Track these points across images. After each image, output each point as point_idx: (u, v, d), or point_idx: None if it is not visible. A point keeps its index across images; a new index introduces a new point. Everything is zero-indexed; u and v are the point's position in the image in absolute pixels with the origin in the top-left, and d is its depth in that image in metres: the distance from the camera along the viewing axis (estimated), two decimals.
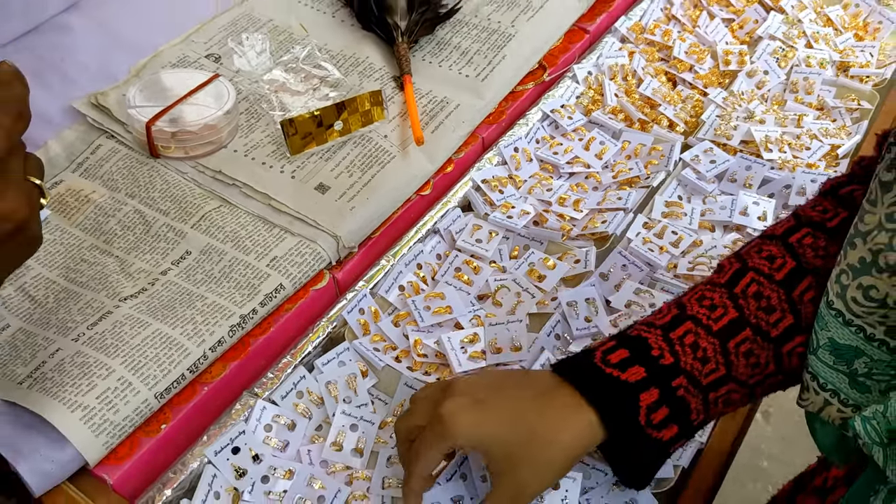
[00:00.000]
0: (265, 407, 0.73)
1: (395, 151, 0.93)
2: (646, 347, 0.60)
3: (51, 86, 0.97)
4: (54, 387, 0.69)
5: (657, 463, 0.60)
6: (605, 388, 0.59)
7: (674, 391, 0.59)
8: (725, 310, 0.61)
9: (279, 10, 1.11)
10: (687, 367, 0.59)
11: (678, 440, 0.60)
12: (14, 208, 0.53)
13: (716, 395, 0.60)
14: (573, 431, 0.59)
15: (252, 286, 0.79)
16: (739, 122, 1.02)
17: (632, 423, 0.59)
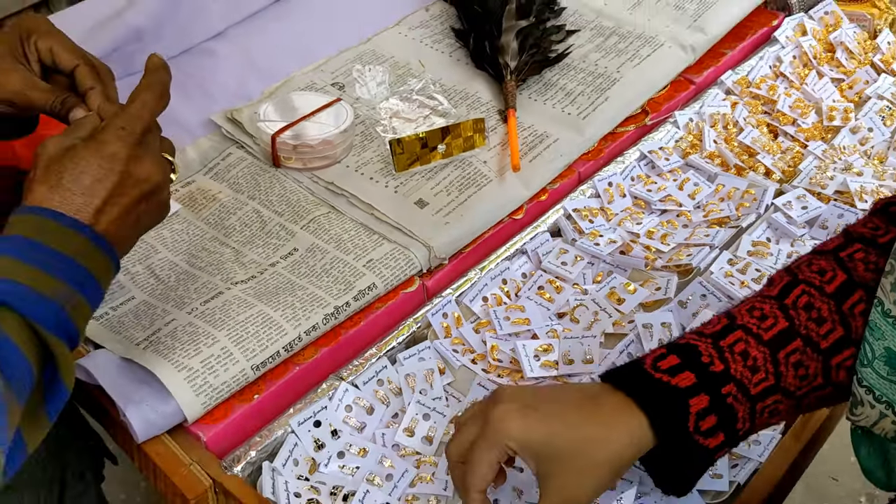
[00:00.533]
0: (348, 389, 0.79)
1: (492, 176, 1.00)
2: (696, 354, 0.61)
3: (193, 100, 1.10)
4: (166, 349, 0.78)
5: (700, 471, 0.61)
6: (655, 392, 0.60)
7: (723, 398, 0.60)
8: (776, 320, 0.62)
9: (401, 48, 1.20)
10: (737, 374, 0.60)
11: (723, 448, 0.61)
12: (151, 172, 0.63)
13: (763, 405, 0.61)
14: (623, 433, 0.59)
15: (348, 282, 0.86)
16: (836, 173, 1.03)
17: (681, 429, 0.59)
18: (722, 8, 1.26)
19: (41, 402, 0.58)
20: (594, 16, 1.26)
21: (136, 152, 0.63)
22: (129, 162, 0.63)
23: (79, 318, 0.59)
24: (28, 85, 0.70)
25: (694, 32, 1.21)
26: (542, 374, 0.81)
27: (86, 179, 0.61)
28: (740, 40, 1.27)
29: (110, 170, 0.62)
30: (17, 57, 0.71)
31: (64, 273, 0.57)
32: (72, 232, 0.59)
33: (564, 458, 0.59)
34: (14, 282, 0.55)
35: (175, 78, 1.11)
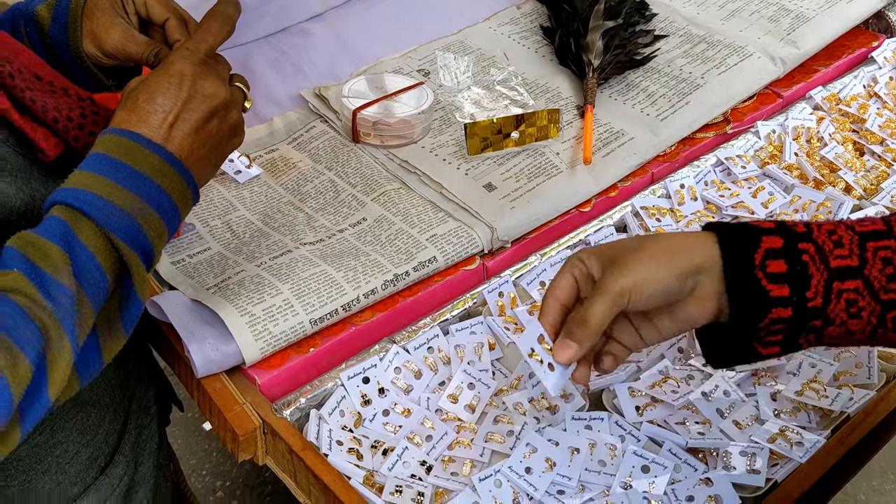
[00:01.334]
0: (399, 352, 0.82)
1: (563, 167, 1.01)
2: (782, 221, 0.61)
3: (286, 75, 1.15)
4: (232, 295, 0.82)
5: (750, 332, 0.59)
6: (729, 225, 0.61)
7: (798, 253, 0.57)
8: (873, 222, 0.60)
9: (489, 40, 1.23)
10: (819, 240, 0.58)
11: (782, 305, 0.57)
12: (217, 88, 0.67)
13: (841, 286, 0.57)
14: (688, 238, 0.61)
15: (410, 253, 0.89)
16: None
17: (746, 259, 0.58)
18: (819, 24, 1.24)
19: (117, 312, 0.61)
20: (685, 23, 1.26)
21: (201, 70, 0.67)
22: (194, 78, 0.66)
23: (152, 234, 0.62)
24: (127, 38, 0.76)
25: (786, 46, 1.20)
26: None
27: (157, 98, 0.65)
28: (835, 59, 1.25)
29: (178, 86, 0.65)
30: (117, 11, 0.77)
31: (138, 188, 0.61)
32: (146, 150, 0.63)
33: (628, 251, 0.62)
34: (91, 192, 0.59)
35: (270, 54, 1.19)
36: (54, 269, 0.56)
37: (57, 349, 0.54)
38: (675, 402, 0.75)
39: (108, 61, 0.78)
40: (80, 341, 0.57)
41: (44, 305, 0.54)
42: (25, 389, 0.51)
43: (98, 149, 0.62)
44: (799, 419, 0.75)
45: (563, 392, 0.78)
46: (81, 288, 0.57)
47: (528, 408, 0.78)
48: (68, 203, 0.59)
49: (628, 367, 0.80)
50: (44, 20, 0.76)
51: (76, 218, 0.59)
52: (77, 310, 0.56)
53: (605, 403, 0.78)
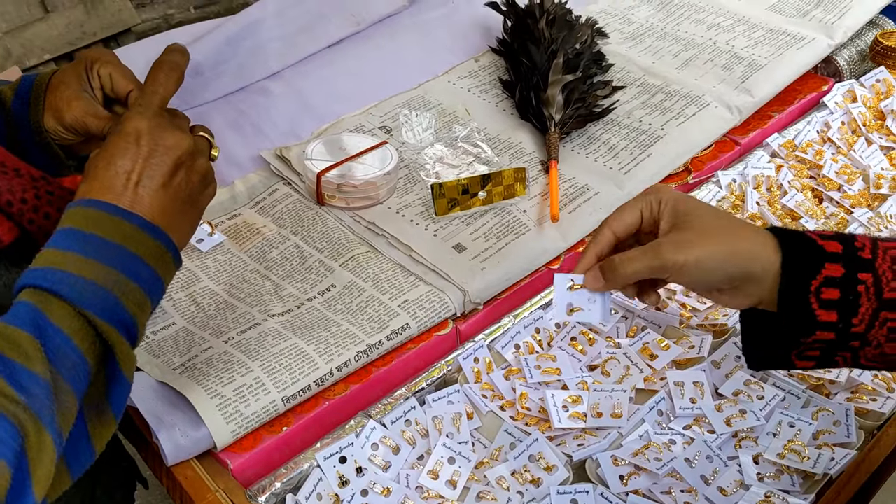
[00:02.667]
0: (375, 427, 0.80)
1: (531, 225, 1.01)
2: (852, 238, 0.62)
3: (246, 136, 1.13)
4: (201, 375, 0.79)
5: (792, 344, 0.62)
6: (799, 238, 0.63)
7: (855, 283, 0.60)
8: None
9: (449, 96, 1.23)
10: (879, 270, 0.60)
11: (826, 329, 0.60)
12: (178, 139, 0.63)
13: (889, 315, 0.59)
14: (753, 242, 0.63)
15: (382, 321, 0.87)
16: None
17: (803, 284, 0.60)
18: (770, 71, 1.26)
19: (104, 395, 0.57)
20: (641, 73, 1.28)
21: (157, 122, 0.63)
22: (152, 132, 0.63)
23: (133, 306, 0.58)
24: (88, 111, 0.73)
25: (741, 94, 1.22)
26: (569, 426, 0.80)
27: (116, 160, 0.61)
28: (788, 104, 1.27)
29: (136, 143, 0.62)
30: (83, 86, 0.75)
31: (111, 259, 0.57)
32: (114, 217, 0.59)
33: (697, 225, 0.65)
34: (60, 269, 0.55)
35: (229, 114, 1.17)
36: (25, 357, 0.52)
37: (37, 445, 0.50)
38: (659, 471, 0.74)
39: (68, 136, 0.75)
40: (64, 432, 0.53)
41: (16, 399, 0.50)
42: (6, 495, 0.48)
43: (64, 224, 0.59)
44: (782, 482, 0.74)
45: (548, 464, 0.76)
46: (58, 374, 0.53)
47: (511, 481, 0.76)
48: (36, 285, 0.55)
49: (610, 434, 0.80)
50: (6, 96, 0.74)
51: (46, 300, 0.55)
52: (55, 399, 0.52)
53: (589, 474, 0.77)
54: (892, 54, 1.34)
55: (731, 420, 0.80)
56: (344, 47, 1.30)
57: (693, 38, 1.36)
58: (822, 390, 0.83)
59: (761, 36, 1.34)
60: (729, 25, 1.38)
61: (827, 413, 0.79)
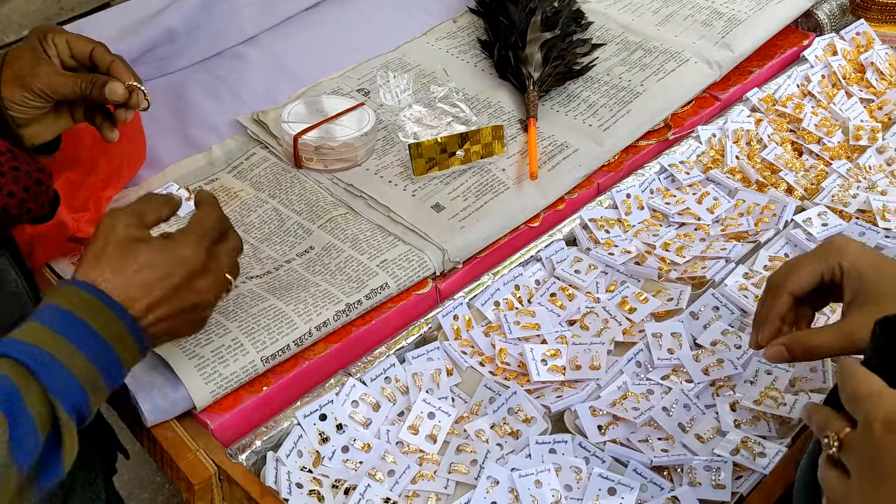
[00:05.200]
0: (355, 385, 0.80)
1: (510, 184, 1.00)
2: None
3: (223, 102, 1.12)
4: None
5: None
6: None
7: None
8: None
9: (428, 57, 1.22)
10: None
11: None
12: (210, 288, 0.66)
13: None
14: None
15: (361, 281, 0.87)
16: (860, 191, 1.02)
17: None
18: (750, 26, 1.25)
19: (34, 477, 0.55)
20: (621, 31, 1.27)
21: (207, 265, 0.65)
22: (195, 271, 0.64)
23: (95, 402, 0.58)
24: (55, 73, 0.73)
25: (720, 49, 1.21)
26: (548, 378, 0.81)
27: (150, 275, 0.61)
28: (768, 59, 1.27)
29: (176, 273, 0.62)
30: (39, 55, 0.74)
31: (95, 354, 0.57)
32: (115, 317, 0.59)
33: (881, 292, 0.59)
34: (50, 356, 0.55)
35: (206, 80, 1.16)
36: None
37: None
38: (636, 420, 0.75)
39: (36, 104, 0.74)
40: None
41: None
42: None
43: (63, 301, 0.58)
44: (759, 428, 0.75)
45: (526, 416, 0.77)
46: (13, 460, 0.52)
47: (491, 434, 0.77)
48: (23, 361, 0.54)
49: (588, 386, 0.80)
50: None
51: (27, 381, 0.54)
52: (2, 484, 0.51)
53: (568, 425, 0.77)
54: (873, 7, 1.33)
55: (708, 369, 0.80)
56: (321, 10, 1.28)
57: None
58: None
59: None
60: None
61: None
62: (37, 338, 0.56)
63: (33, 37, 0.76)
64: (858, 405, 0.50)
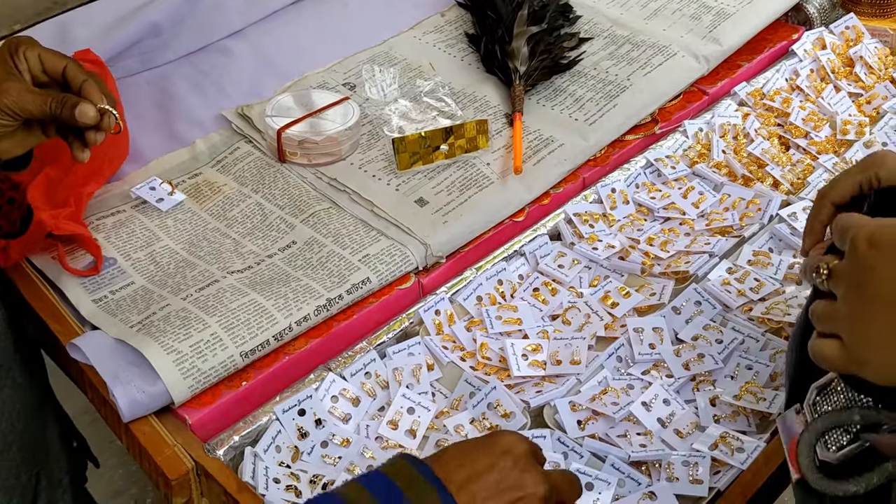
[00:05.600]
0: (335, 380, 0.80)
1: (494, 178, 1.00)
2: None
3: (207, 96, 1.12)
4: (158, 332, 0.79)
5: None
6: None
7: None
8: None
9: (414, 50, 1.22)
10: None
11: None
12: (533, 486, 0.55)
13: None
14: None
15: (342, 275, 0.87)
16: None
17: None
18: (739, 20, 1.25)
19: None
20: (609, 24, 1.26)
21: (529, 457, 0.57)
22: (517, 463, 0.56)
23: None
24: (24, 91, 0.71)
25: (708, 43, 1.21)
26: (529, 374, 0.81)
27: (471, 460, 0.55)
28: (757, 53, 1.26)
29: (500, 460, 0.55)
30: (9, 70, 0.73)
31: None
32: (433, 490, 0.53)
33: None
34: None
35: (191, 74, 1.16)
36: None
37: None
38: (615, 415, 0.75)
39: (4, 122, 0.73)
40: None
41: None
42: None
43: (393, 473, 0.54)
44: (738, 423, 0.75)
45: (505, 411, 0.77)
46: None
47: (470, 429, 0.77)
48: None
49: (568, 381, 0.80)
50: None
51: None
52: None
53: (547, 420, 0.77)
54: (862, 0, 1.33)
55: (689, 364, 0.80)
56: (308, 4, 1.28)
57: None
58: (780, 333, 0.83)
59: None
60: None
61: (784, 355, 0.79)
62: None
63: (4, 50, 0.74)
64: (845, 232, 0.52)
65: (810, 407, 0.56)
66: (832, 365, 0.52)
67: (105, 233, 0.93)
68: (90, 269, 0.88)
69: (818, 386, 0.56)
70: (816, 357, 0.53)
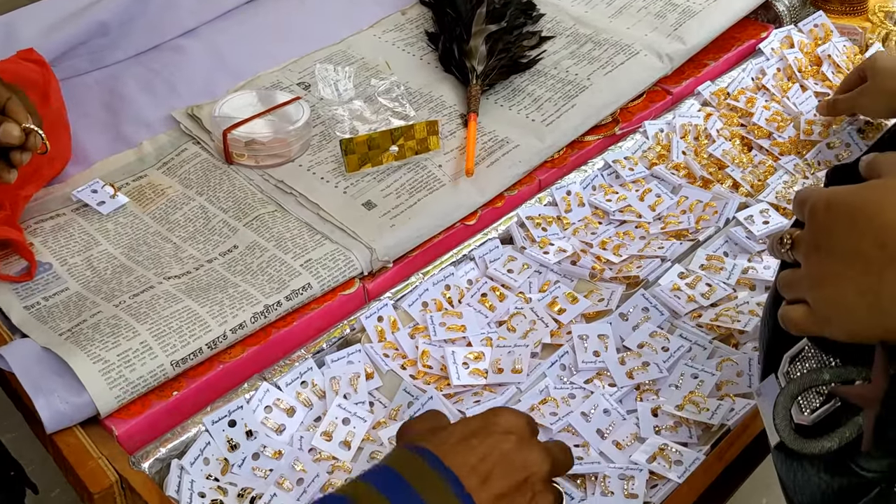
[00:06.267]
0: (269, 389, 0.77)
1: (445, 180, 0.98)
2: None
3: (157, 95, 1.09)
4: (85, 340, 0.77)
5: None
6: None
7: None
8: None
9: (372, 50, 1.19)
10: None
11: None
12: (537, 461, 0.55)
13: None
14: None
15: (282, 281, 0.85)
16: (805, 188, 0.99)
17: None
18: (705, 18, 1.22)
19: None
20: (573, 23, 1.24)
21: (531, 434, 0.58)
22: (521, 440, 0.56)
23: None
24: None
25: (672, 42, 1.19)
26: (469, 382, 0.79)
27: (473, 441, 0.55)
28: (725, 51, 1.24)
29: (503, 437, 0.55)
30: None
31: None
32: (451, 492, 0.52)
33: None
34: None
35: (141, 74, 1.13)
36: None
37: None
38: (553, 426, 0.72)
39: None
40: None
41: None
42: None
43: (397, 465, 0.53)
44: (680, 434, 0.73)
45: None
46: None
47: None
48: None
49: (508, 390, 0.78)
50: None
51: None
52: None
53: None
54: None
55: (633, 373, 0.78)
56: (264, 2, 1.26)
57: None
58: (729, 340, 0.81)
59: None
60: None
61: (731, 363, 0.77)
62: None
63: None
64: (804, 202, 0.54)
65: (784, 375, 0.57)
66: (799, 327, 0.54)
67: (42, 237, 0.90)
68: (23, 274, 0.85)
69: (790, 355, 0.58)
70: (784, 322, 0.55)
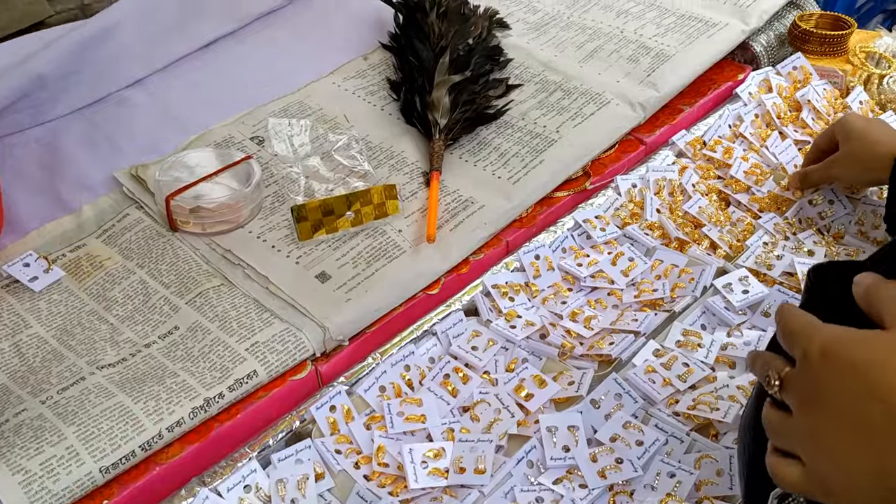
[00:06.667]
0: (208, 496, 0.71)
1: (406, 247, 0.92)
2: None
3: (100, 153, 1.03)
4: (6, 447, 0.70)
5: None
6: None
7: None
8: None
9: (332, 99, 1.13)
10: None
11: None
12: None
13: None
14: None
15: (225, 369, 0.78)
16: (785, 252, 0.94)
17: None
18: (679, 64, 1.17)
19: None
20: (541, 68, 1.18)
21: None
22: None
23: None
24: None
25: (645, 89, 1.13)
26: (428, 485, 0.72)
27: None
28: (700, 95, 1.19)
29: None
30: None
31: None
32: None
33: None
34: None
35: (84, 129, 1.06)
36: None
37: None
38: None
39: None
40: None
41: None
42: None
43: None
44: None
45: None
46: None
47: None
48: None
49: (471, 494, 0.71)
50: None
51: None
52: None
53: None
54: (811, 38, 1.26)
55: (605, 471, 0.72)
56: (219, 48, 1.19)
57: (600, 27, 1.26)
58: (708, 431, 0.76)
59: (672, 23, 1.26)
60: (639, 12, 1.29)
61: (710, 461, 0.72)
62: None
63: None
64: (795, 340, 0.50)
65: None
66: (795, 490, 0.50)
67: None
68: None
69: (777, 496, 0.53)
70: (777, 480, 0.50)
